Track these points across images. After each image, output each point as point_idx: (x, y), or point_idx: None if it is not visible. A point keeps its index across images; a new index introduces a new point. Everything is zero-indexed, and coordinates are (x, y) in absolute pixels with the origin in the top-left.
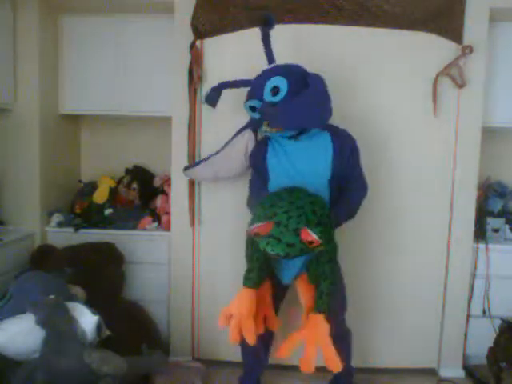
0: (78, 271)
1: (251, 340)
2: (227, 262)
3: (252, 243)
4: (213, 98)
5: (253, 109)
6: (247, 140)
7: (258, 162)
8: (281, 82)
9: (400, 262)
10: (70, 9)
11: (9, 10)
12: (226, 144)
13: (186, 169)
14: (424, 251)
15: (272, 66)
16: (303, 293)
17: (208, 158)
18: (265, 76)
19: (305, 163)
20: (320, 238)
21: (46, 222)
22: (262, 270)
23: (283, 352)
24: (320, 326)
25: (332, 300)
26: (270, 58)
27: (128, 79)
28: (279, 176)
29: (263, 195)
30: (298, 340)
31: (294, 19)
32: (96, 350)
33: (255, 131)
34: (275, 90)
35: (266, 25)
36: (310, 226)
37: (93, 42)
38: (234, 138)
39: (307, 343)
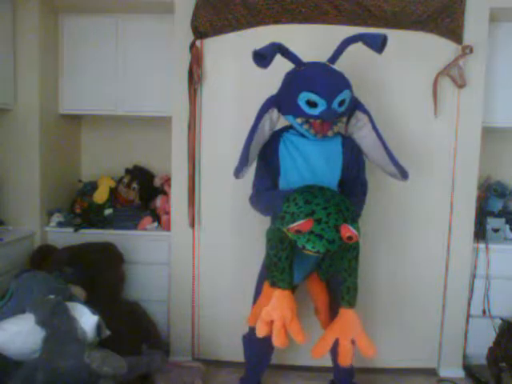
0: (77, 271)
1: (302, 340)
2: (227, 261)
3: (281, 242)
4: (270, 56)
5: (310, 103)
6: (275, 121)
7: (270, 154)
8: (347, 96)
9: (400, 262)
10: (70, 8)
11: (9, 10)
12: (253, 131)
13: (237, 174)
14: (424, 251)
15: (338, 70)
16: (315, 291)
17: (246, 153)
18: (338, 83)
19: (320, 163)
20: (358, 233)
21: (46, 222)
22: (291, 269)
23: (318, 352)
24: (351, 320)
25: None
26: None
27: (128, 79)
28: (291, 172)
29: (274, 192)
30: (331, 338)
31: (294, 19)
32: (96, 350)
33: (279, 110)
34: (343, 102)
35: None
36: (347, 222)
37: (93, 41)
38: (258, 122)
39: (341, 338)
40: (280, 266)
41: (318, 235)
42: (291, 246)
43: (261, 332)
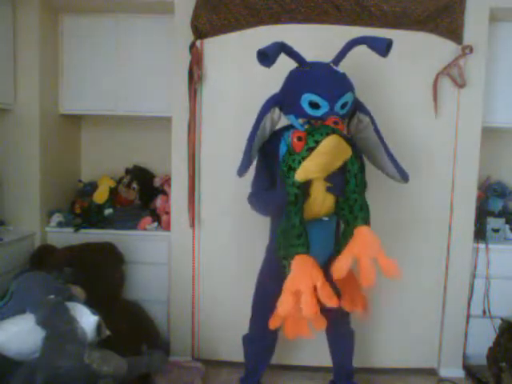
0: (77, 271)
1: (336, 303)
2: (227, 261)
3: (296, 203)
4: (273, 55)
5: (313, 104)
6: (277, 120)
7: (270, 154)
8: (350, 98)
9: (400, 262)
10: (70, 8)
11: (9, 10)
12: (255, 130)
13: (240, 174)
14: (424, 251)
15: (341, 71)
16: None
17: (249, 154)
18: (342, 85)
19: None
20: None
21: (46, 222)
22: (307, 234)
23: (337, 273)
24: (369, 237)
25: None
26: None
27: (128, 79)
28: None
29: (273, 191)
30: (350, 256)
31: (293, 19)
32: (96, 350)
33: (280, 109)
34: (345, 105)
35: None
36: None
37: (93, 41)
38: (259, 121)
39: (361, 257)
40: (296, 232)
41: (318, 128)
42: (302, 213)
43: (286, 305)
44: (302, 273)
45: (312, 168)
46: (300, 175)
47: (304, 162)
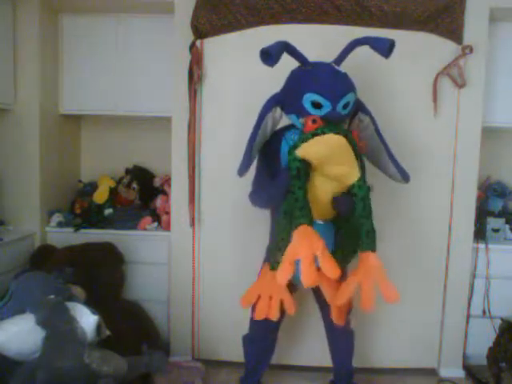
0: (78, 271)
1: (337, 274)
2: (227, 261)
3: (298, 177)
4: (277, 55)
5: (315, 104)
6: (278, 119)
7: (272, 154)
8: (352, 98)
9: (400, 262)
10: (70, 8)
11: (9, 10)
12: (256, 130)
13: (241, 173)
14: (424, 251)
15: (342, 71)
16: (326, 287)
17: (250, 153)
18: (344, 85)
19: None
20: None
21: (46, 222)
22: (310, 208)
23: (341, 299)
24: (374, 264)
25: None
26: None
27: (128, 79)
28: None
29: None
30: (354, 282)
31: (294, 19)
32: (96, 350)
33: (282, 109)
34: (347, 105)
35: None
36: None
37: (93, 41)
38: (261, 121)
39: (363, 283)
40: (299, 205)
41: (333, 125)
42: (305, 188)
43: (285, 274)
44: (301, 242)
45: (309, 152)
46: (300, 152)
47: (304, 144)
